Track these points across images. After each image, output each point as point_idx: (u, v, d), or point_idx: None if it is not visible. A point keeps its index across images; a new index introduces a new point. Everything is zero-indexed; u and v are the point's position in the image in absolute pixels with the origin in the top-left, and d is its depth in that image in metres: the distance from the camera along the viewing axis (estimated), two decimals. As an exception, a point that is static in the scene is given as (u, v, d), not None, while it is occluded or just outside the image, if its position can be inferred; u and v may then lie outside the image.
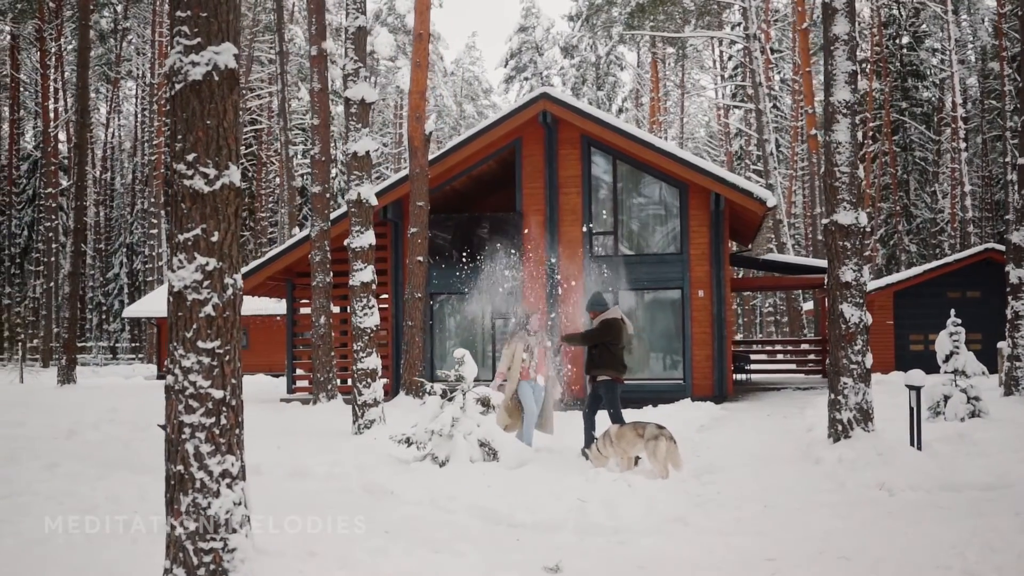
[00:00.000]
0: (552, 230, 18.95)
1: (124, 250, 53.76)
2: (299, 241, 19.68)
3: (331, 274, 17.89)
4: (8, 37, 48.59)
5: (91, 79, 54.14)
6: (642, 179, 19.03)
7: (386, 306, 20.43)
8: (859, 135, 10.74)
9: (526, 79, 62.69)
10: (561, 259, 18.92)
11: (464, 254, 19.16)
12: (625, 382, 11.03)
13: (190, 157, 5.18)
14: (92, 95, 55.33)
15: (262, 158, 52.76)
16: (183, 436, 5.16)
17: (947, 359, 12.94)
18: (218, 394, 5.20)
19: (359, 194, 12.53)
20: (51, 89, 37.16)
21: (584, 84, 60.19)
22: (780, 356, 29.88)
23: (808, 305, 38.39)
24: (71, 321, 25.89)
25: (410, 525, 7.44)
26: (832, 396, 10.56)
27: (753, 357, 27.97)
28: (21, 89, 51.01)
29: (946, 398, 12.84)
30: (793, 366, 27.99)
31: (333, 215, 18.91)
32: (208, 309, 5.18)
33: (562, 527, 7.24)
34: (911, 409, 9.63)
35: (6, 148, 53.14)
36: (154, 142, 45.61)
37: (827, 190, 10.71)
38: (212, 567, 5.13)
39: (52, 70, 36.29)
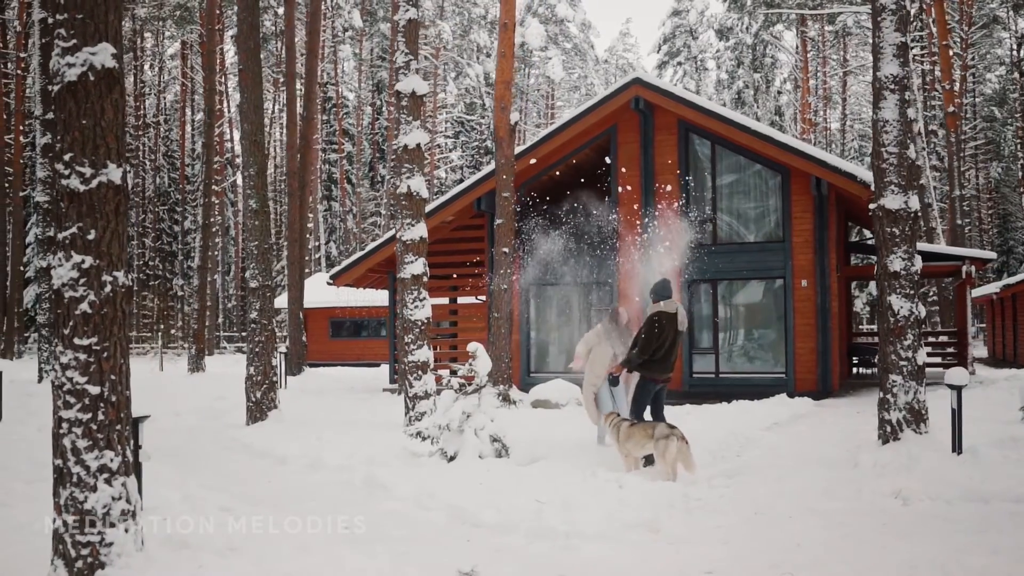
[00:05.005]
0: (648, 218, 18.40)
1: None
2: (394, 235, 19.91)
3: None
4: (179, 44, 51.54)
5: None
6: (741, 164, 18.18)
7: (484, 298, 20.49)
8: (909, 112, 9.81)
9: (679, 64, 61.24)
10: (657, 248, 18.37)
11: (560, 244, 18.86)
12: (668, 379, 10.37)
13: (67, 157, 5.25)
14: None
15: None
16: (61, 431, 5.26)
17: (1044, 355, 11.72)
18: (95, 390, 5.26)
19: (409, 187, 12.51)
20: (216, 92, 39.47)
21: (740, 67, 58.28)
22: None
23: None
24: (200, 312, 27.43)
25: (376, 521, 7.38)
26: (881, 395, 9.77)
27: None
28: (194, 92, 54.04)
29: (1039, 398, 11.62)
30: (938, 359, 26.15)
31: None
32: (84, 306, 5.24)
33: (516, 529, 6.99)
34: (952, 410, 8.76)
35: (177, 148, 56.55)
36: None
37: (875, 172, 9.88)
38: (89, 560, 5.21)
39: (216, 73, 38.45)
